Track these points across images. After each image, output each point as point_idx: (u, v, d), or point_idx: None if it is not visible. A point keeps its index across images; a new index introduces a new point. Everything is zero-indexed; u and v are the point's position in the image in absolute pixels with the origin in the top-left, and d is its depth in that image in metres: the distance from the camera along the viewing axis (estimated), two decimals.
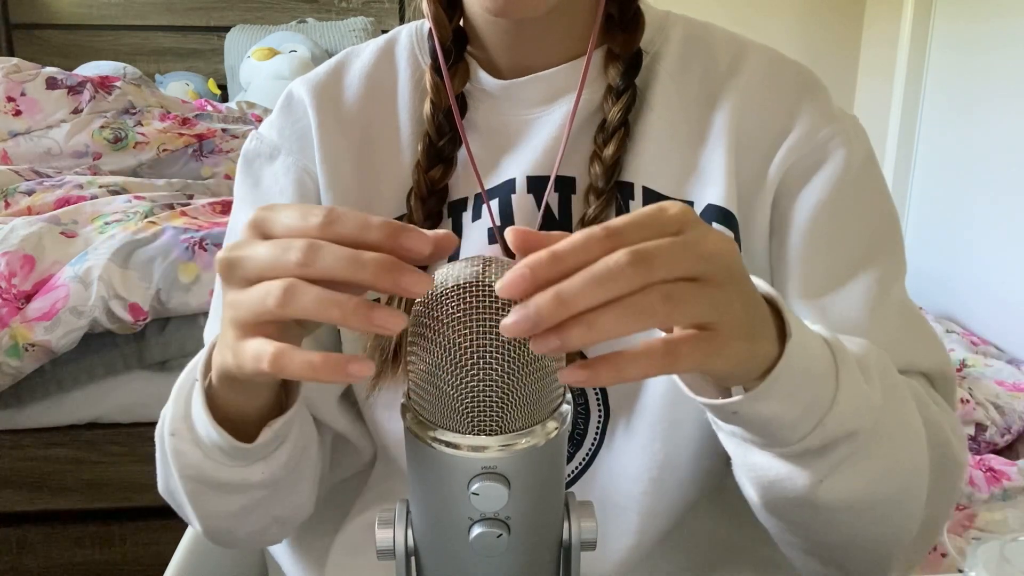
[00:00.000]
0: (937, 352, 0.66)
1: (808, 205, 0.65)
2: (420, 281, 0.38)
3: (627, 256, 0.38)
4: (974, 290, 2.26)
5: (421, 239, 0.40)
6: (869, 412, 0.51)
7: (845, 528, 0.55)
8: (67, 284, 1.48)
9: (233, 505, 0.59)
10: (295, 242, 0.40)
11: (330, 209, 0.41)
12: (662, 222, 0.40)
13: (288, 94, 0.73)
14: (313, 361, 0.39)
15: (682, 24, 0.71)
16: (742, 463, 0.55)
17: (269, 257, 0.41)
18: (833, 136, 0.66)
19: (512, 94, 0.69)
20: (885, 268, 0.66)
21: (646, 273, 0.38)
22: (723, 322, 0.41)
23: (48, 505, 1.62)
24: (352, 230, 0.40)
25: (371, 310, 0.38)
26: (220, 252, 0.44)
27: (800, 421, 0.49)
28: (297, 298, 0.40)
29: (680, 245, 0.39)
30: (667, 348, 0.40)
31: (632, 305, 0.38)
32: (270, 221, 0.43)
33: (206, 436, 0.54)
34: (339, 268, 0.39)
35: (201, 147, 2.28)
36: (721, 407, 0.48)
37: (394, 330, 0.39)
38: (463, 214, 0.68)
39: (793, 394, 0.47)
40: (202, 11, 3.31)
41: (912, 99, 2.51)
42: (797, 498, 0.53)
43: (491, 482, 0.40)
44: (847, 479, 0.52)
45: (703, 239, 0.41)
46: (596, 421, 0.66)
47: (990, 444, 1.70)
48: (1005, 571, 0.51)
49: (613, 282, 0.37)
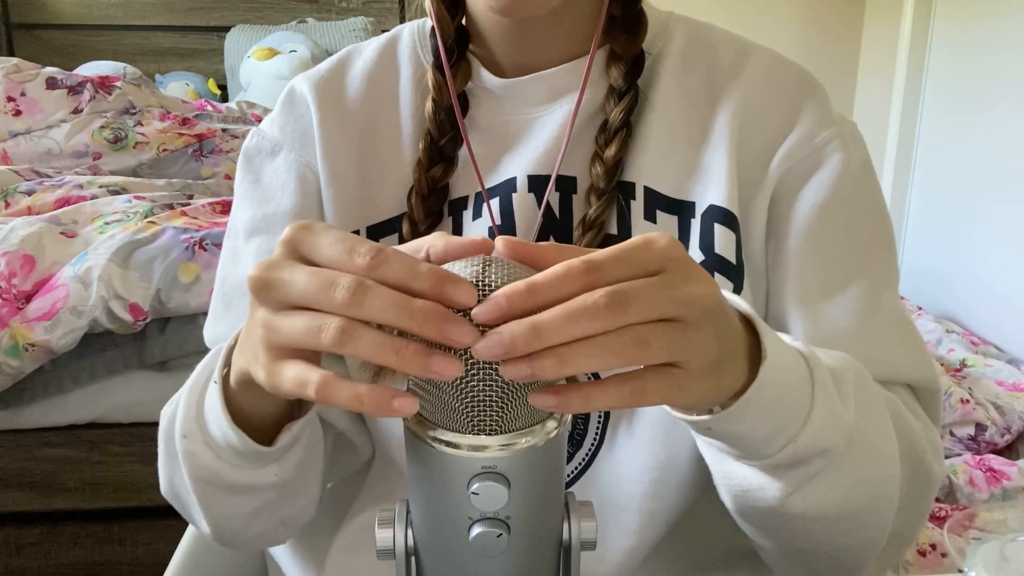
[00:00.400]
0: (924, 364, 0.67)
1: (805, 208, 0.66)
2: (466, 333, 0.38)
3: (604, 298, 0.38)
4: (974, 290, 2.26)
5: (467, 291, 0.39)
6: (842, 430, 0.52)
7: (814, 536, 0.57)
8: (67, 284, 1.48)
9: (243, 507, 0.59)
10: (343, 279, 0.39)
11: (379, 249, 0.40)
12: (644, 260, 0.41)
13: (290, 90, 0.73)
14: (360, 394, 0.39)
15: (684, 25, 0.71)
16: (718, 471, 0.57)
17: (313, 289, 0.40)
18: (831, 140, 0.67)
19: (514, 93, 0.69)
20: (878, 276, 0.67)
21: (621, 316, 0.38)
22: (692, 362, 0.41)
23: (48, 505, 1.62)
24: (400, 276, 0.39)
25: (429, 357, 0.38)
26: (254, 269, 0.43)
27: (772, 438, 0.50)
28: (355, 340, 0.39)
29: (657, 288, 0.40)
30: (634, 385, 0.41)
31: (604, 345, 0.38)
32: (310, 245, 0.42)
33: (222, 438, 0.54)
34: (388, 315, 0.38)
35: (201, 147, 2.28)
36: (696, 423, 0.49)
37: (450, 377, 0.38)
38: (463, 213, 0.68)
39: (766, 414, 0.48)
40: (202, 11, 3.31)
41: (912, 100, 2.51)
42: (768, 508, 0.54)
43: (491, 482, 0.40)
44: (817, 492, 0.53)
45: (682, 281, 0.41)
46: (596, 421, 0.66)
47: (990, 444, 1.70)
48: (1005, 571, 0.51)
49: (588, 321, 0.38)
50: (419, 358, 0.38)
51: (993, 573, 0.51)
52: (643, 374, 0.41)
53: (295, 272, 0.41)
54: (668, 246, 0.41)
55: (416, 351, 0.38)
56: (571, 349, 0.38)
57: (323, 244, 0.42)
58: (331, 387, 0.40)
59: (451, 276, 0.39)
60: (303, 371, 0.41)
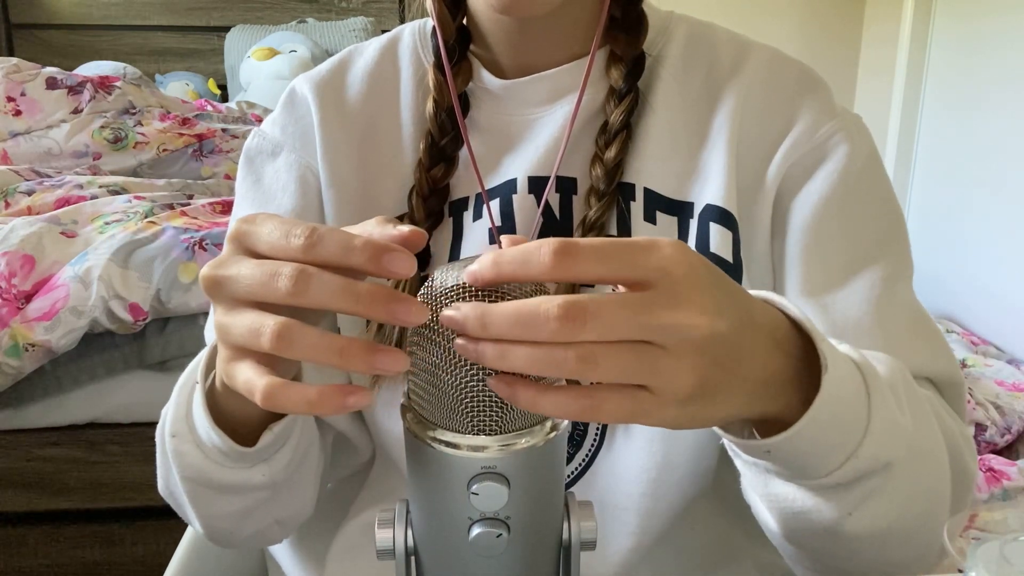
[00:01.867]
0: (945, 357, 0.64)
1: (810, 202, 0.65)
2: (414, 311, 0.37)
3: (558, 308, 0.36)
4: (974, 290, 2.26)
5: (405, 262, 0.38)
6: (902, 440, 0.49)
7: (868, 555, 0.53)
8: (67, 284, 1.48)
9: (234, 506, 0.59)
10: (283, 268, 0.39)
11: (312, 229, 0.40)
12: (633, 265, 0.38)
13: (291, 91, 0.73)
14: (310, 398, 0.38)
15: (685, 25, 0.71)
16: (763, 493, 0.53)
17: (256, 282, 0.40)
18: (835, 132, 0.66)
19: (514, 94, 0.69)
20: (890, 266, 0.65)
21: (571, 331, 0.36)
22: (659, 387, 0.38)
23: (48, 505, 1.62)
24: (334, 254, 0.39)
25: (372, 354, 0.37)
26: (204, 268, 0.43)
27: (832, 452, 0.46)
28: (294, 345, 0.38)
29: (630, 309, 0.37)
30: (590, 401, 0.38)
31: (545, 354, 0.36)
32: (252, 236, 0.42)
33: (207, 438, 0.54)
34: (333, 301, 0.38)
35: (201, 147, 2.28)
36: (753, 447, 0.46)
37: (396, 372, 0.38)
38: (464, 213, 0.68)
39: (827, 427, 0.45)
40: (202, 11, 3.31)
41: (912, 98, 2.51)
42: (823, 530, 0.51)
43: (491, 482, 0.40)
44: (875, 510, 0.50)
45: (666, 306, 0.37)
46: (596, 422, 0.66)
47: (990, 444, 1.70)
48: (1005, 571, 0.51)
49: (534, 329, 0.36)
50: (363, 356, 0.37)
51: (993, 573, 0.51)
52: (602, 391, 0.38)
53: (241, 267, 0.41)
54: (670, 258, 0.38)
55: (359, 349, 0.38)
56: (511, 349, 0.36)
57: (263, 233, 0.41)
58: (277, 394, 0.39)
59: (386, 247, 0.39)
60: (251, 376, 0.40)
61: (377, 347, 0.38)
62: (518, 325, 0.36)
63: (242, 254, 0.42)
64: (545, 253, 0.37)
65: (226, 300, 0.42)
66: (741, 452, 0.49)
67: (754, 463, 0.50)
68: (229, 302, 0.42)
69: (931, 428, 0.54)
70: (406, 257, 0.39)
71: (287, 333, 0.39)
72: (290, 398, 0.39)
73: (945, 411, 0.62)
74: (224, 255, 0.43)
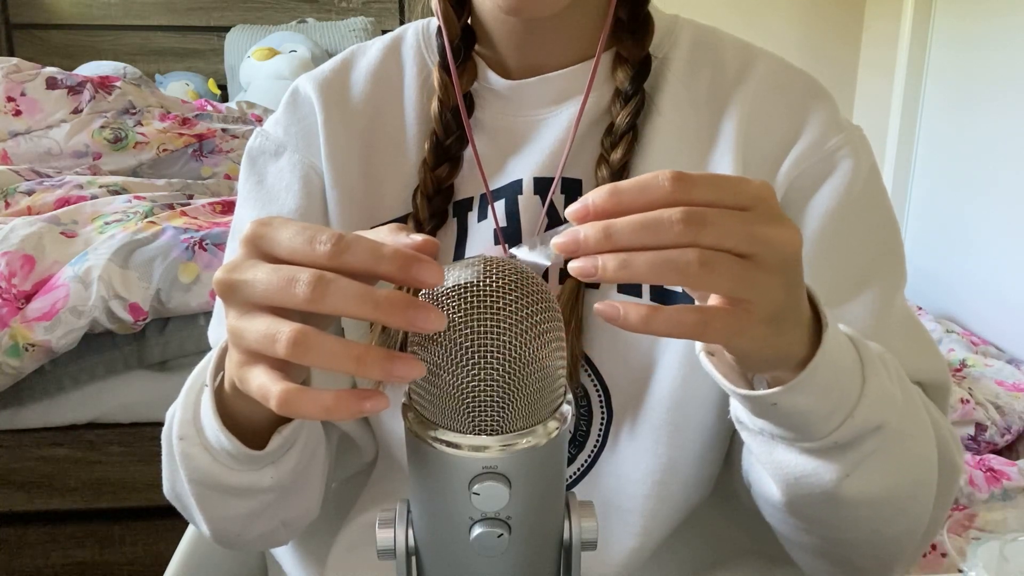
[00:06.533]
0: (935, 362, 0.67)
1: (816, 215, 0.65)
2: (432, 319, 0.37)
3: (681, 212, 0.39)
4: (974, 290, 2.26)
5: (434, 272, 0.38)
6: (893, 406, 0.52)
7: (863, 525, 0.57)
8: (67, 284, 1.48)
9: (242, 509, 0.59)
10: (302, 274, 0.38)
11: (339, 237, 0.39)
12: (736, 191, 0.41)
13: (294, 91, 0.73)
14: (326, 404, 0.38)
15: (690, 29, 0.71)
16: (768, 461, 0.55)
17: (273, 288, 0.39)
18: (842, 146, 0.66)
19: (520, 94, 0.69)
20: (889, 279, 0.67)
21: (693, 233, 0.39)
22: (757, 303, 0.41)
23: (48, 505, 1.62)
24: (363, 261, 0.39)
25: (390, 362, 0.37)
26: (218, 272, 0.42)
27: (832, 414, 0.50)
28: (311, 351, 0.38)
29: (739, 220, 0.40)
30: (700, 315, 0.41)
31: (668, 257, 0.39)
32: (270, 240, 0.41)
33: (215, 441, 0.54)
34: (351, 307, 0.38)
35: (201, 147, 2.28)
36: (760, 399, 0.49)
37: (412, 379, 0.38)
38: (468, 214, 0.68)
39: (828, 386, 0.48)
40: (202, 11, 3.31)
41: (912, 98, 2.51)
42: (822, 494, 0.53)
43: (492, 482, 0.40)
44: (871, 473, 0.53)
45: (767, 221, 0.41)
46: (599, 423, 0.66)
47: (990, 444, 1.70)
48: (1005, 571, 0.51)
49: (659, 232, 0.39)
50: (381, 363, 0.37)
51: (993, 573, 0.51)
52: (709, 308, 0.41)
53: (257, 271, 0.40)
54: (761, 186, 0.42)
55: (377, 356, 0.37)
56: (634, 255, 0.38)
57: (283, 237, 0.41)
58: (293, 400, 0.39)
59: (417, 257, 0.39)
60: (265, 382, 0.40)
61: (394, 354, 0.38)
62: (643, 230, 0.39)
63: (257, 258, 0.42)
64: (664, 178, 0.40)
65: (240, 304, 0.42)
66: (752, 414, 0.52)
67: (759, 431, 0.53)
68: (243, 306, 0.41)
69: (919, 410, 0.58)
70: (434, 266, 0.39)
71: (303, 340, 0.38)
72: (306, 404, 0.38)
73: (934, 409, 0.64)
74: (238, 258, 0.42)
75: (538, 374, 0.40)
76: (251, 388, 0.41)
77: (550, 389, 0.41)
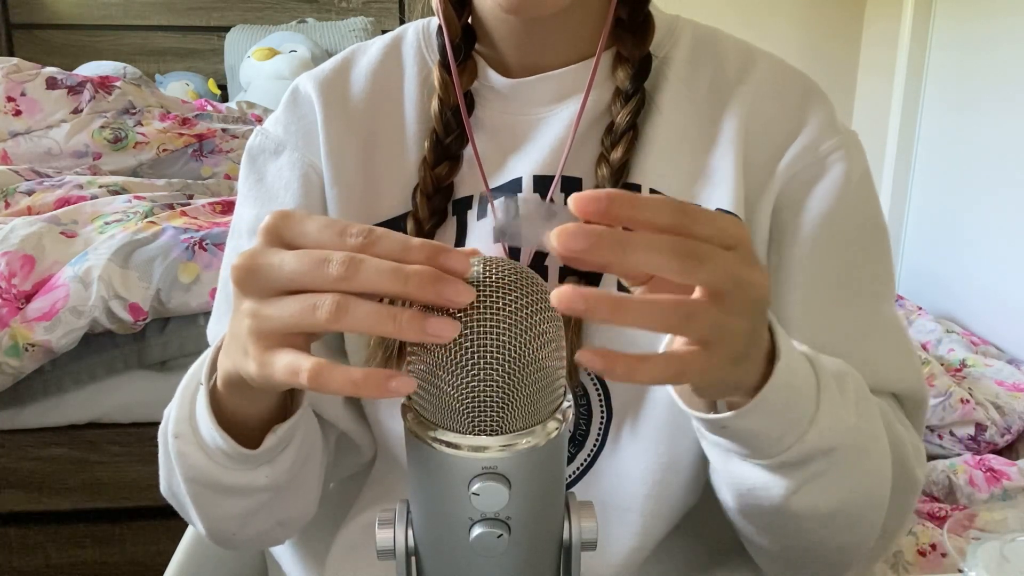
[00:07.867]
0: (914, 375, 0.68)
1: (809, 219, 0.66)
2: (462, 291, 0.38)
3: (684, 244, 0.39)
4: (974, 290, 2.26)
5: (462, 259, 0.40)
6: (845, 430, 0.53)
7: (812, 535, 0.58)
8: (67, 284, 1.48)
9: (237, 508, 0.59)
10: (334, 255, 0.40)
11: (371, 230, 0.41)
12: (724, 231, 0.41)
13: (294, 89, 0.73)
14: (355, 378, 0.39)
15: (691, 29, 0.72)
16: (722, 470, 0.58)
17: (302, 269, 0.40)
18: (835, 149, 0.67)
19: (520, 93, 0.69)
20: (877, 288, 0.68)
21: (693, 269, 0.39)
22: (722, 345, 0.42)
23: (48, 505, 1.62)
24: (393, 251, 0.40)
25: (425, 320, 0.38)
26: (236, 259, 0.43)
27: (783, 436, 0.51)
28: (351, 314, 0.39)
29: (727, 260, 0.41)
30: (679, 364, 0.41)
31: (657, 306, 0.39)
32: (295, 232, 0.42)
33: (210, 440, 0.54)
34: (382, 281, 0.39)
35: (201, 147, 2.28)
36: (712, 421, 0.50)
37: (448, 337, 0.39)
38: (468, 212, 0.68)
39: (778, 411, 0.49)
40: (202, 11, 3.31)
41: (912, 98, 2.51)
42: (772, 506, 0.55)
43: (491, 482, 0.40)
44: (819, 491, 0.54)
45: (746, 263, 0.42)
46: (599, 423, 0.66)
47: (990, 444, 1.70)
48: (1005, 571, 0.51)
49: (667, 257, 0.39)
50: (416, 322, 0.38)
51: (993, 573, 0.51)
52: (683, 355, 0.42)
53: (283, 256, 0.41)
54: (741, 226, 0.43)
55: (412, 316, 0.38)
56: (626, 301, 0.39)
57: (311, 230, 0.42)
58: (324, 373, 0.40)
59: (444, 248, 0.40)
60: (295, 359, 0.41)
61: (428, 315, 0.39)
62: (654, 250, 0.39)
63: (278, 246, 0.42)
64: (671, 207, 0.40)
65: (260, 290, 0.42)
66: (706, 432, 0.53)
67: (716, 443, 0.54)
68: (265, 291, 0.42)
69: (876, 429, 0.58)
70: (462, 257, 0.40)
71: (344, 303, 0.39)
72: (336, 379, 0.39)
73: (900, 422, 0.66)
74: (259, 247, 0.43)
75: (538, 374, 0.40)
76: (276, 370, 0.42)
77: (550, 389, 0.41)
